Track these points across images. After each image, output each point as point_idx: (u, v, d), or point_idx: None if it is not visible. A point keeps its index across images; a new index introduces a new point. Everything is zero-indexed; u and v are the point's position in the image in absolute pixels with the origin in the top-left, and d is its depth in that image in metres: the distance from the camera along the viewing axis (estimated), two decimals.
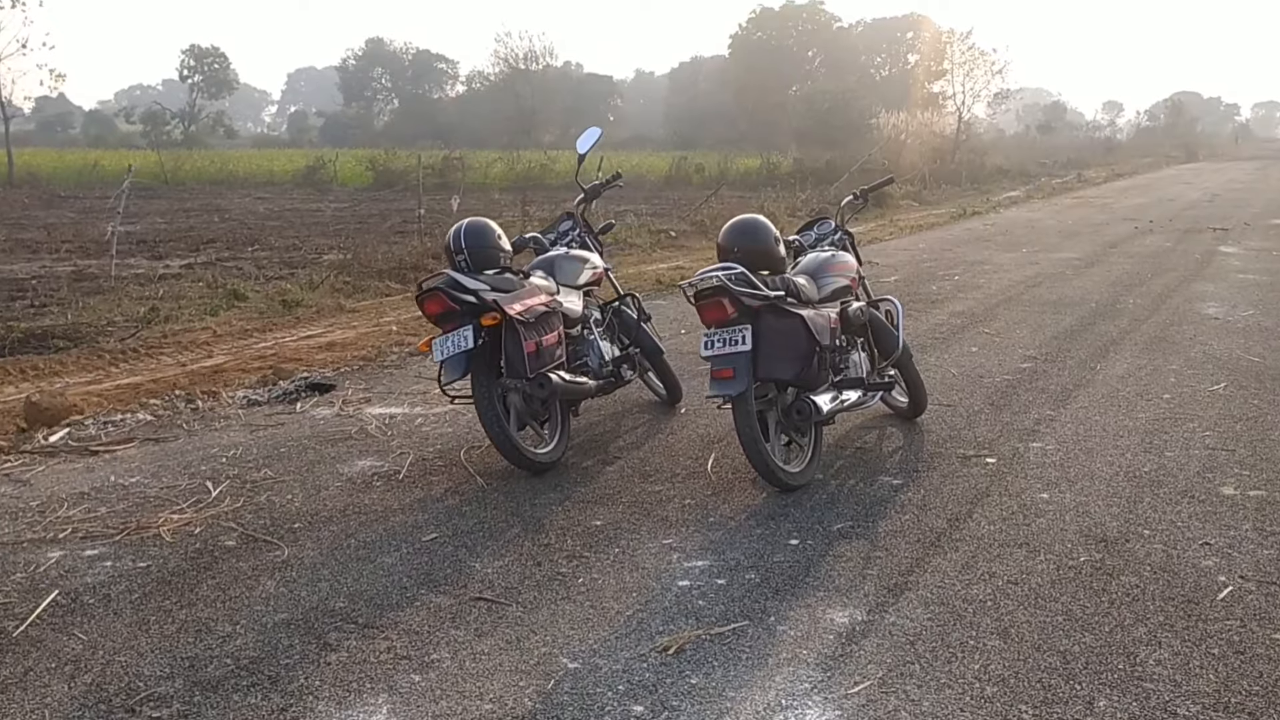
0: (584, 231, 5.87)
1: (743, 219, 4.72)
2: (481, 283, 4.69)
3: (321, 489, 4.64)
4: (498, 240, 4.88)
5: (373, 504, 4.45)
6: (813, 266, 5.11)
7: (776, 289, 4.52)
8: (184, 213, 23.22)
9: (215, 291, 12.04)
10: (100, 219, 21.07)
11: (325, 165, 34.22)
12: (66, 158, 38.04)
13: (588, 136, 6.15)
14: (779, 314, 4.45)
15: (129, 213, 22.90)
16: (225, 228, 19.56)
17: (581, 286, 5.43)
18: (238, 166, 36.31)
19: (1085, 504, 4.36)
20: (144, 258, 15.89)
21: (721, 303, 4.36)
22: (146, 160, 35.22)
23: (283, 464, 5.01)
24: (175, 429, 5.74)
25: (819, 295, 4.95)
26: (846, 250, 5.55)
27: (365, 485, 4.70)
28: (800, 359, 4.46)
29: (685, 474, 4.84)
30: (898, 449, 5.23)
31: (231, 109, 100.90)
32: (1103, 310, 9.16)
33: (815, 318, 4.56)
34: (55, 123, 73.01)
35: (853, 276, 5.22)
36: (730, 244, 4.61)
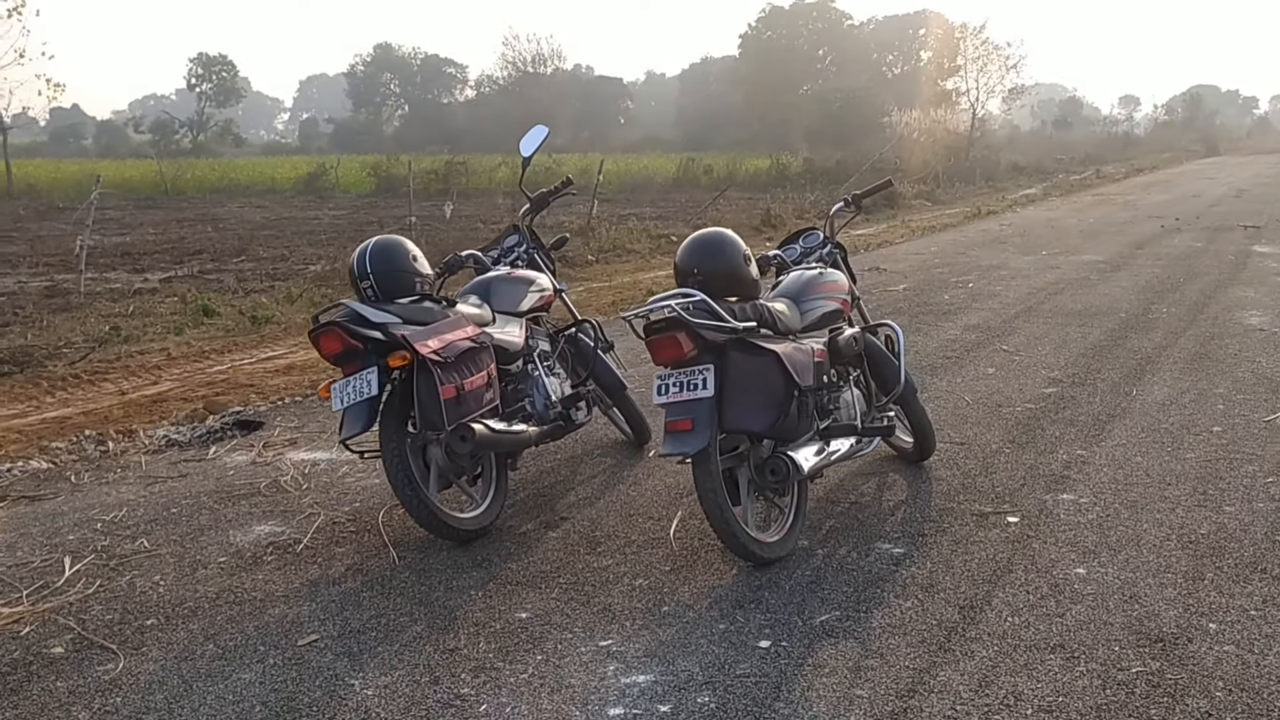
0: (532, 247, 5.05)
1: (704, 234, 3.88)
2: (389, 314, 3.88)
3: (199, 567, 3.83)
4: (411, 262, 4.06)
5: (254, 588, 3.63)
6: (795, 288, 4.27)
7: (746, 319, 3.70)
8: (178, 223, 22.54)
9: (186, 307, 11.35)
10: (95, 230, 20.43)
11: (326, 172, 33.60)
12: (65, 168, 37.56)
13: (532, 136, 5.33)
14: (749, 350, 3.62)
15: (121, 224, 22.41)
16: (216, 238, 18.86)
17: (525, 313, 4.61)
18: (239, 175, 35.70)
19: (1132, 582, 3.50)
20: (125, 270, 15.25)
21: (676, 339, 3.54)
22: (146, 170, 34.68)
23: (166, 530, 4.21)
24: (62, 482, 4.94)
25: (802, 323, 4.12)
26: (838, 266, 4.72)
27: (253, 561, 3.89)
28: (775, 405, 3.63)
29: (642, 541, 4.01)
30: (900, 504, 4.38)
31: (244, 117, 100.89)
32: (1133, 321, 8.27)
33: (794, 353, 3.73)
34: (68, 133, 72.93)
35: (844, 298, 4.38)
36: (689, 265, 3.78)
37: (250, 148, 62.95)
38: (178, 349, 9.23)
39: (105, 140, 65.19)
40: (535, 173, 33.87)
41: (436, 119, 65.80)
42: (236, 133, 61.34)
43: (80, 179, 33.09)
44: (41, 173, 34.76)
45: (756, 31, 62.05)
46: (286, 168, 37.41)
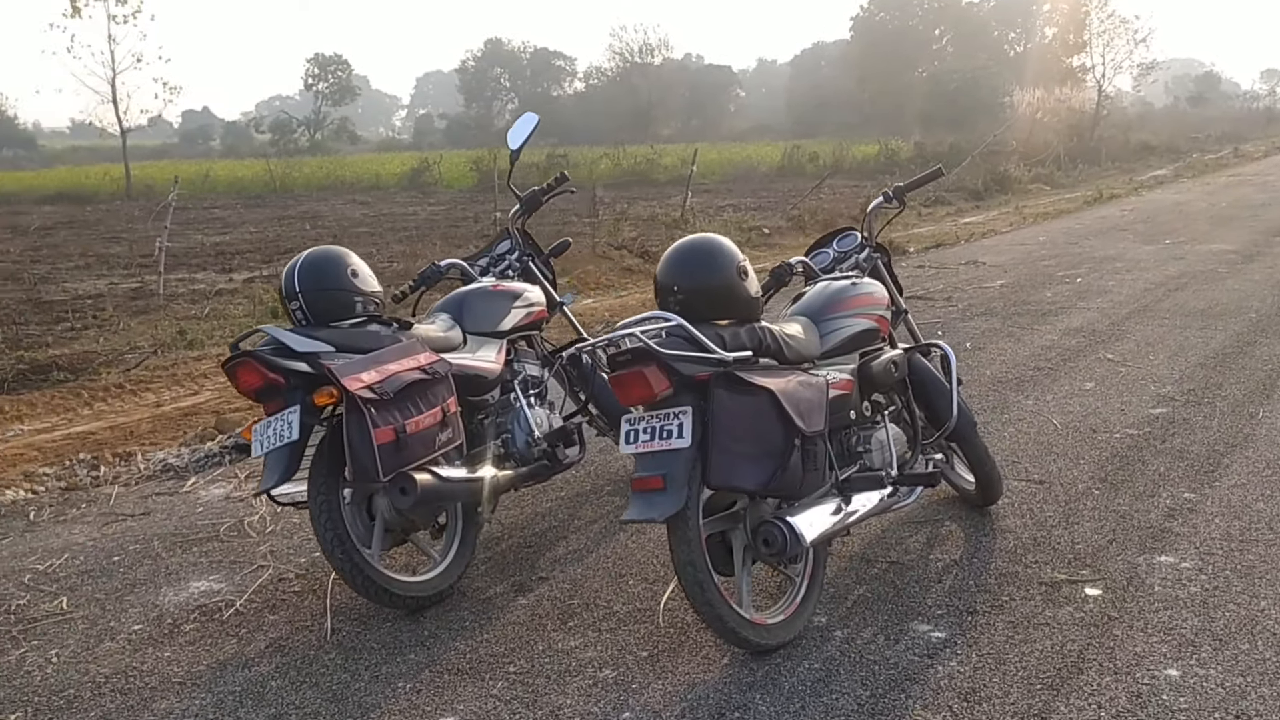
0: (526, 254, 4.38)
1: (688, 243, 3.15)
2: (319, 342, 3.27)
3: (107, 637, 3.30)
4: (349, 279, 3.44)
5: (153, 670, 3.07)
6: (816, 304, 3.51)
7: (740, 346, 2.97)
8: (280, 221, 22.60)
9: (256, 309, 11.12)
10: (198, 230, 20.67)
11: (430, 168, 33.67)
12: (183, 169, 38.51)
13: (521, 126, 4.65)
14: (737, 388, 2.88)
15: (225, 223, 22.61)
16: (312, 235, 18.74)
17: (508, 333, 3.94)
18: (346, 172, 36.05)
19: (1241, 692, 2.66)
20: (214, 270, 15.15)
21: (643, 375, 2.83)
22: (258, 169, 35.31)
23: (95, 586, 3.70)
24: (19, 519, 4.51)
25: (822, 347, 3.36)
26: (879, 275, 3.94)
27: (170, 630, 3.33)
28: (769, 456, 2.88)
29: (625, 613, 3.32)
30: (950, 566, 3.58)
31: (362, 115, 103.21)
32: (1266, 323, 7.17)
33: (797, 390, 2.97)
34: (197, 135, 75.56)
35: (880, 314, 3.59)
36: (669, 281, 3.06)
37: (365, 145, 63.95)
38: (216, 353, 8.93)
39: (230, 141, 67.13)
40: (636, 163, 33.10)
41: (545, 112, 65.44)
42: (352, 130, 62.43)
43: (195, 179, 33.89)
44: (160, 174, 35.66)
45: (869, 13, 60.18)
46: (393, 164, 37.66)
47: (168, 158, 56.18)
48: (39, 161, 54.91)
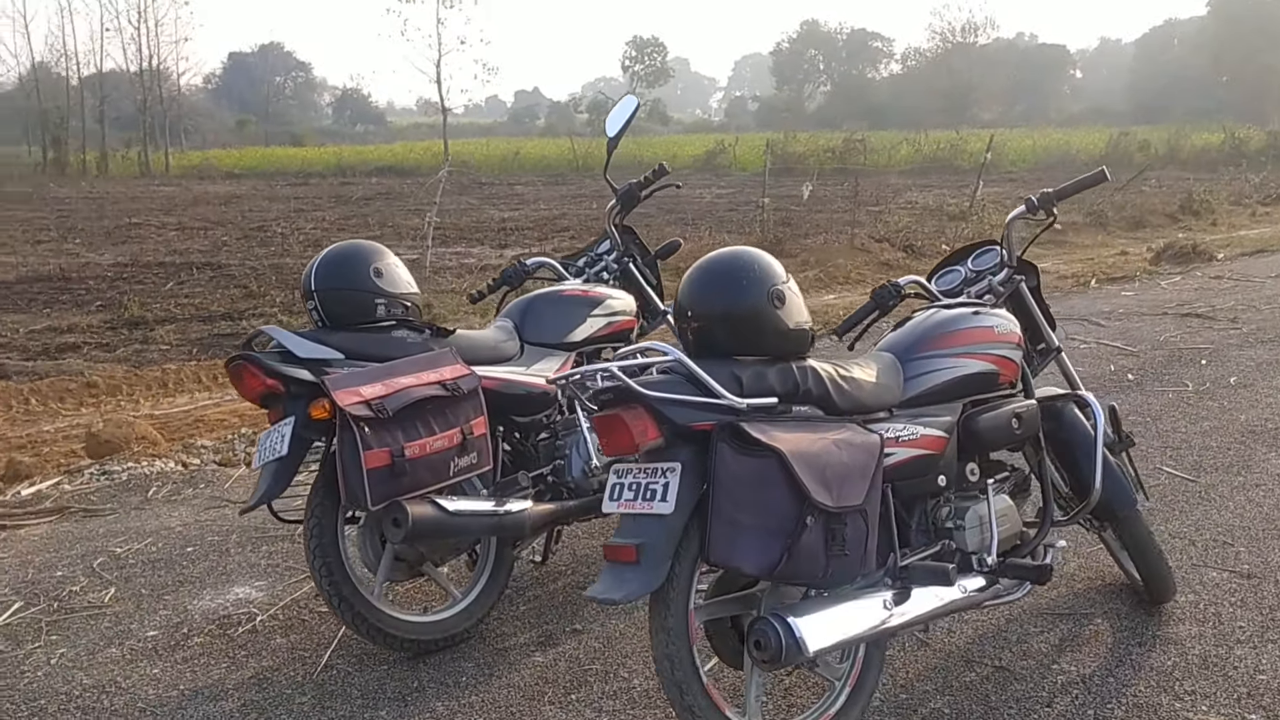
0: (626, 254, 3.88)
1: (713, 260, 2.54)
2: (327, 347, 2.97)
3: (118, 640, 3.17)
4: (372, 279, 3.09)
5: (133, 687, 2.89)
6: (907, 339, 2.80)
7: (762, 391, 2.36)
8: (571, 199, 23.17)
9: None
10: (494, 205, 21.64)
11: (725, 150, 33.58)
12: (493, 147, 40.69)
13: (619, 111, 4.13)
14: (742, 444, 2.27)
15: (520, 199, 23.49)
16: (587, 216, 19.04)
17: (580, 345, 3.48)
18: (646, 153, 36.65)
19: None
20: (490, 246, 15.60)
21: (623, 420, 2.28)
22: (562, 148, 36.64)
23: (150, 577, 3.63)
24: (138, 493, 4.59)
25: (905, 393, 2.66)
26: (1021, 301, 3.12)
27: (180, 641, 3.16)
28: (774, 533, 2.25)
29: (641, 691, 2.79)
30: (1074, 682, 2.76)
31: (680, 97, 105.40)
32: None
33: (825, 451, 2.30)
34: (524, 115, 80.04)
35: (1003, 353, 2.81)
36: (685, 305, 2.48)
37: (676, 126, 65.06)
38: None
39: (553, 120, 70.48)
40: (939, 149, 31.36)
41: (859, 94, 64.08)
42: (663, 111, 63.69)
43: (506, 157, 35.67)
44: (476, 151, 37.84)
45: None
46: (692, 145, 37.91)
47: (494, 135, 59.80)
48: (384, 137, 60.18)
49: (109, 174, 33.19)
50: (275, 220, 18.13)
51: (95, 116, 35.67)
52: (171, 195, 24.38)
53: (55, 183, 28.77)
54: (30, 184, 27.46)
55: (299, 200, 22.82)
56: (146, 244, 15.46)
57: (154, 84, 37.52)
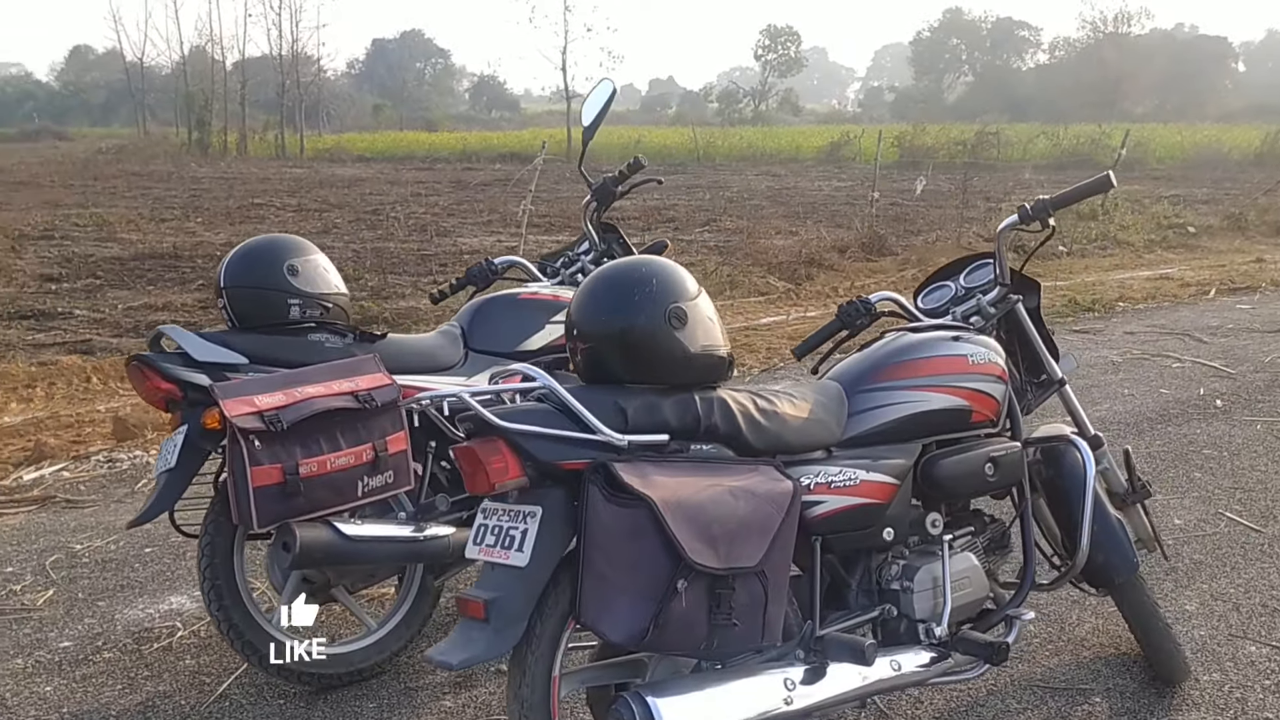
0: (606, 255, 3.52)
1: (606, 272, 2.15)
2: (229, 350, 2.73)
3: (30, 649, 3.01)
4: (284, 276, 2.82)
5: (17, 706, 2.73)
6: (858, 367, 2.39)
7: (653, 425, 2.01)
8: (685, 189, 22.80)
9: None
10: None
11: (850, 142, 32.69)
12: (614, 134, 40.52)
13: (595, 96, 3.77)
14: (613, 489, 1.93)
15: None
16: (697, 206, 18.67)
17: (534, 354, 3.15)
18: (769, 143, 36.02)
19: None
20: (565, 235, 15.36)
21: (475, 454, 1.96)
22: (682, 137, 36.28)
23: (95, 580, 3.48)
24: (123, 486, 4.48)
25: (845, 431, 2.27)
26: (1019, 325, 2.67)
27: (87, 656, 2.98)
28: (644, 598, 1.90)
29: None
30: None
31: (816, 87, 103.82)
32: None
33: (714, 500, 1.92)
34: (655, 103, 79.97)
35: (977, 386, 2.38)
36: (577, 321, 2.13)
37: (807, 116, 63.93)
38: None
39: (684, 109, 70.10)
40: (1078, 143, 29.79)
41: (1002, 86, 61.71)
42: (795, 101, 62.62)
43: (623, 144, 35.46)
44: (597, 139, 37.64)
45: None
46: (818, 137, 37.07)
47: (624, 124, 59.83)
48: (516, 123, 60.86)
49: (247, 155, 34.36)
50: (392, 204, 18.29)
51: (237, 99, 36.98)
52: (300, 177, 24.99)
53: (196, 162, 29.89)
54: (174, 163, 28.60)
55: (420, 185, 23.07)
56: (263, 224, 15.76)
57: (293, 69, 38.67)
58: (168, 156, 30.97)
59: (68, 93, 60.09)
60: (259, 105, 41.33)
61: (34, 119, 49.18)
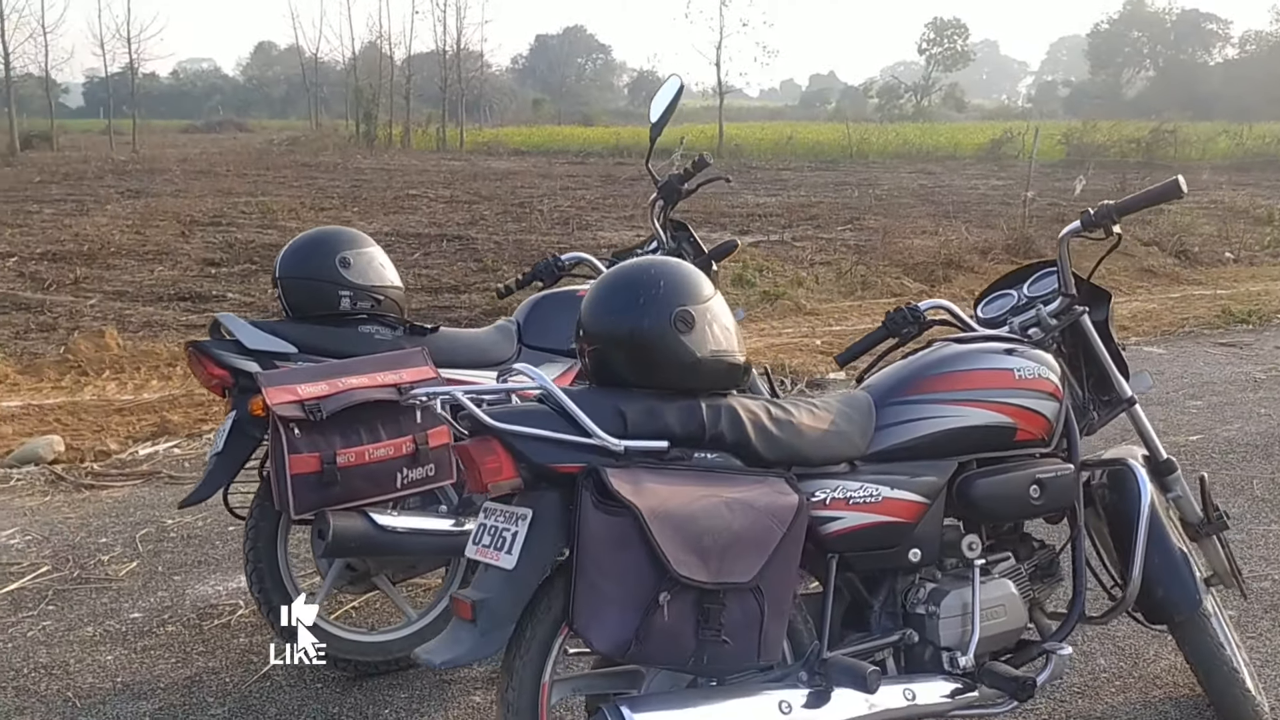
0: (673, 254, 3.44)
1: (618, 273, 2.10)
2: (280, 339, 2.79)
3: (102, 618, 3.17)
4: (336, 268, 2.86)
5: (81, 670, 2.86)
6: (892, 379, 2.26)
7: (655, 431, 1.94)
8: (833, 186, 22.43)
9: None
10: (754, 190, 21.28)
11: (1012, 139, 31.45)
12: (772, 131, 40.12)
13: (664, 93, 3.65)
14: (601, 498, 1.87)
15: (780, 185, 23.00)
16: (843, 203, 18.32)
17: None
18: (925, 140, 35.01)
19: None
20: (732, 231, 15.26)
21: (469, 451, 1.94)
22: (835, 133, 35.65)
23: (178, 554, 3.64)
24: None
25: (871, 445, 2.14)
26: (1084, 338, 2.46)
27: (154, 627, 3.11)
28: (630, 609, 1.84)
29: None
30: None
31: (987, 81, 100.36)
32: None
33: (706, 511, 1.85)
34: (815, 98, 78.95)
35: (1022, 404, 2.21)
36: (585, 323, 2.08)
37: (973, 112, 61.79)
38: None
39: (844, 105, 68.97)
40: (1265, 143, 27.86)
41: (1185, 81, 58.21)
42: (959, 97, 60.70)
43: (779, 141, 35.11)
44: (749, 135, 37.52)
45: None
46: (979, 134, 35.83)
47: (781, 119, 59.23)
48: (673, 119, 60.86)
49: (410, 148, 35.57)
50: (540, 197, 18.55)
51: (402, 93, 38.32)
52: (456, 169, 25.71)
53: (362, 154, 31.11)
54: (340, 155, 29.86)
55: (570, 179, 23.37)
56: (414, 215, 16.25)
57: (456, 64, 39.81)
58: (336, 148, 32.33)
59: (251, 87, 63.62)
60: (425, 99, 42.71)
61: (218, 111, 52.27)
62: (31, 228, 13.17)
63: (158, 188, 18.70)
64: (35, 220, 13.87)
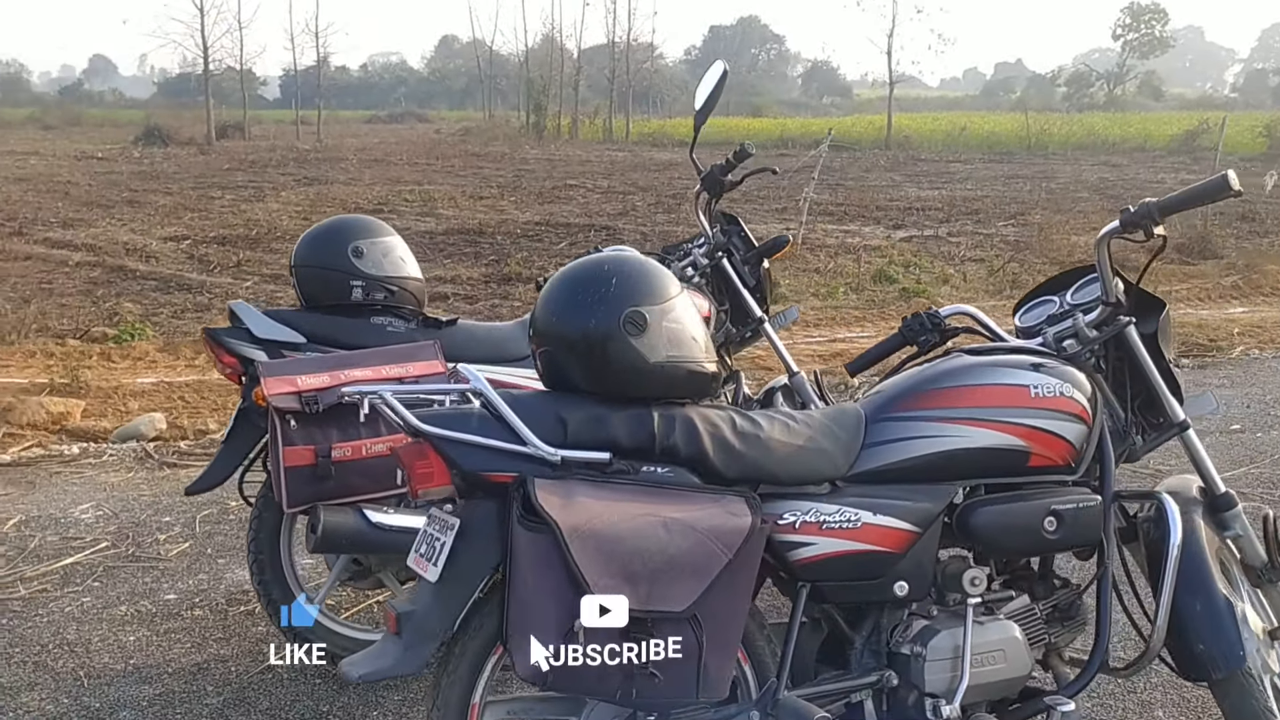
0: (720, 249, 3.22)
1: (570, 270, 1.92)
2: (288, 328, 2.75)
3: (137, 597, 3.21)
4: (348, 257, 2.77)
5: (108, 648, 2.90)
6: (890, 393, 2.02)
7: (597, 440, 1.78)
8: (1004, 180, 21.45)
9: (869, 269, 10.71)
10: (918, 183, 20.58)
11: (1209, 129, 29.33)
12: (939, 121, 38.74)
13: (708, 79, 3.37)
14: (525, 513, 1.72)
15: (946, 177, 22.20)
16: (1011, 197, 17.47)
17: None
18: (1112, 131, 33.04)
19: None
20: (885, 226, 14.81)
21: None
22: (1014, 123, 34.06)
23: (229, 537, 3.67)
24: None
25: (856, 464, 1.91)
26: (1130, 351, 2.13)
27: (182, 610, 3.14)
28: (547, 632, 1.69)
29: None
30: None
31: (1190, 69, 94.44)
32: None
33: (638, 530, 1.67)
34: (998, 87, 75.97)
35: (1038, 425, 1.93)
36: (537, 322, 1.92)
37: (1171, 102, 58.08)
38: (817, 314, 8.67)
39: (1030, 94, 65.99)
40: None
41: None
42: (1156, 85, 57.11)
43: (951, 132, 33.82)
44: (919, 126, 36.31)
45: None
46: (1171, 124, 33.58)
47: (961, 109, 57.16)
48: (845, 109, 59.85)
49: (577, 138, 36.07)
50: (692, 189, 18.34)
51: (572, 85, 38.91)
52: (618, 160, 25.87)
53: (530, 145, 31.73)
54: (509, 145, 30.53)
55: None
56: (569, 205, 16.41)
57: (624, 56, 40.11)
58: (505, 139, 33.06)
59: (434, 79, 65.90)
60: (595, 91, 43.27)
61: (400, 103, 54.37)
62: (210, 212, 13.93)
63: (332, 175, 19.49)
64: (215, 205, 14.67)
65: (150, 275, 9.81)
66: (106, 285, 9.31)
